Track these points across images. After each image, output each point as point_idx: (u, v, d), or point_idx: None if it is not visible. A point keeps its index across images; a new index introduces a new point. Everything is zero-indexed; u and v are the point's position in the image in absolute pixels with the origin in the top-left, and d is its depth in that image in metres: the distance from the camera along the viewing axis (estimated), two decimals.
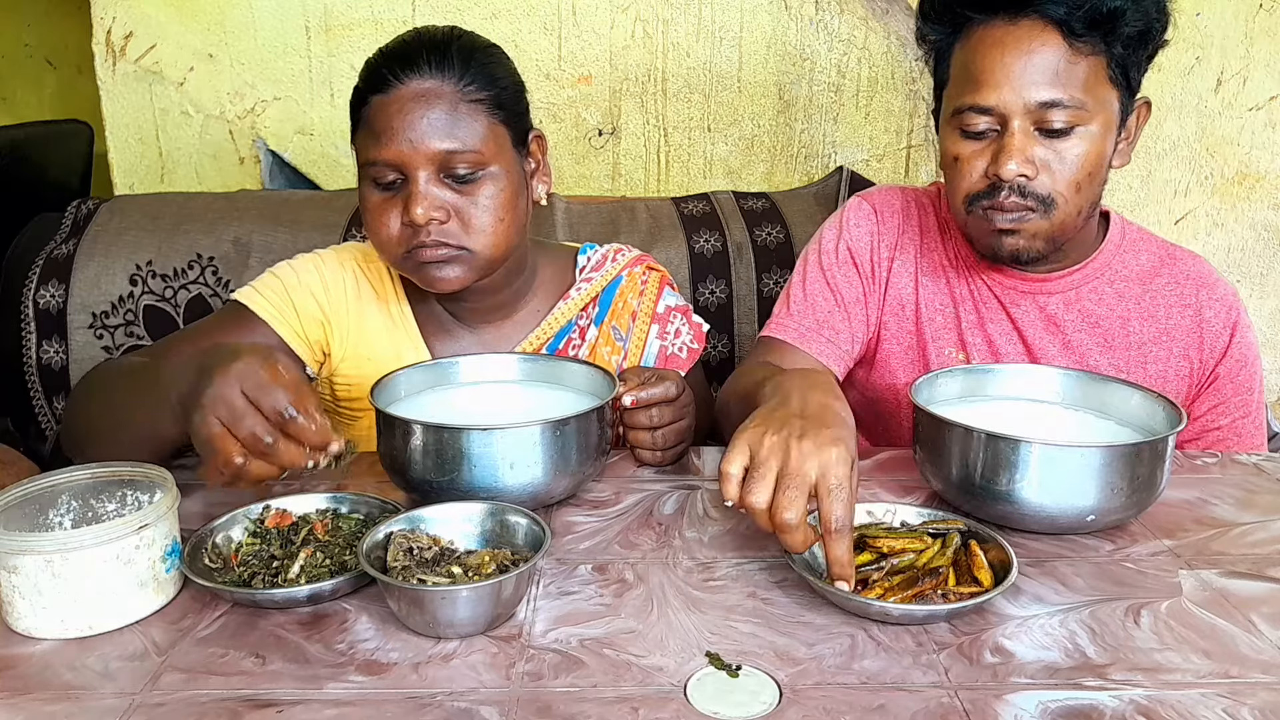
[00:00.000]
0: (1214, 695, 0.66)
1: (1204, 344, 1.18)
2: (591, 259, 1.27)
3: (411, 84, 1.03)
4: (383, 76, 1.04)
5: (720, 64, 1.97)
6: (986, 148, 1.07)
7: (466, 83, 1.04)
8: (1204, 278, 1.20)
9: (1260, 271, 2.14)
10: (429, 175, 1.03)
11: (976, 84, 1.05)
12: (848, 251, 1.26)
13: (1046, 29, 1.02)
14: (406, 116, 1.02)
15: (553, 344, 1.22)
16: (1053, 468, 0.85)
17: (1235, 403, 1.19)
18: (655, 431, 1.03)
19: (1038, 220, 1.07)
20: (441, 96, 1.03)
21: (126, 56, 1.89)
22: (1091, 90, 1.03)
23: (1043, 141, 1.05)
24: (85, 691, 0.66)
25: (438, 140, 1.02)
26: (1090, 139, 1.05)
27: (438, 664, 0.69)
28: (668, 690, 0.66)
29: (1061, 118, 1.03)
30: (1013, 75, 1.03)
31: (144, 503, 0.81)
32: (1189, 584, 0.81)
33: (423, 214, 1.02)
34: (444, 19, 1.90)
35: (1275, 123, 2.04)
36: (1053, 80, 1.02)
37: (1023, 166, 1.04)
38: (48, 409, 1.54)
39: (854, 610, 0.75)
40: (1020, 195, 1.06)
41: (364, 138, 1.06)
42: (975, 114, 1.06)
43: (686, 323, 1.30)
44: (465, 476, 0.87)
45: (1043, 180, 1.06)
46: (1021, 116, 1.04)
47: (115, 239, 1.53)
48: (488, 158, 1.05)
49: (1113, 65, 1.04)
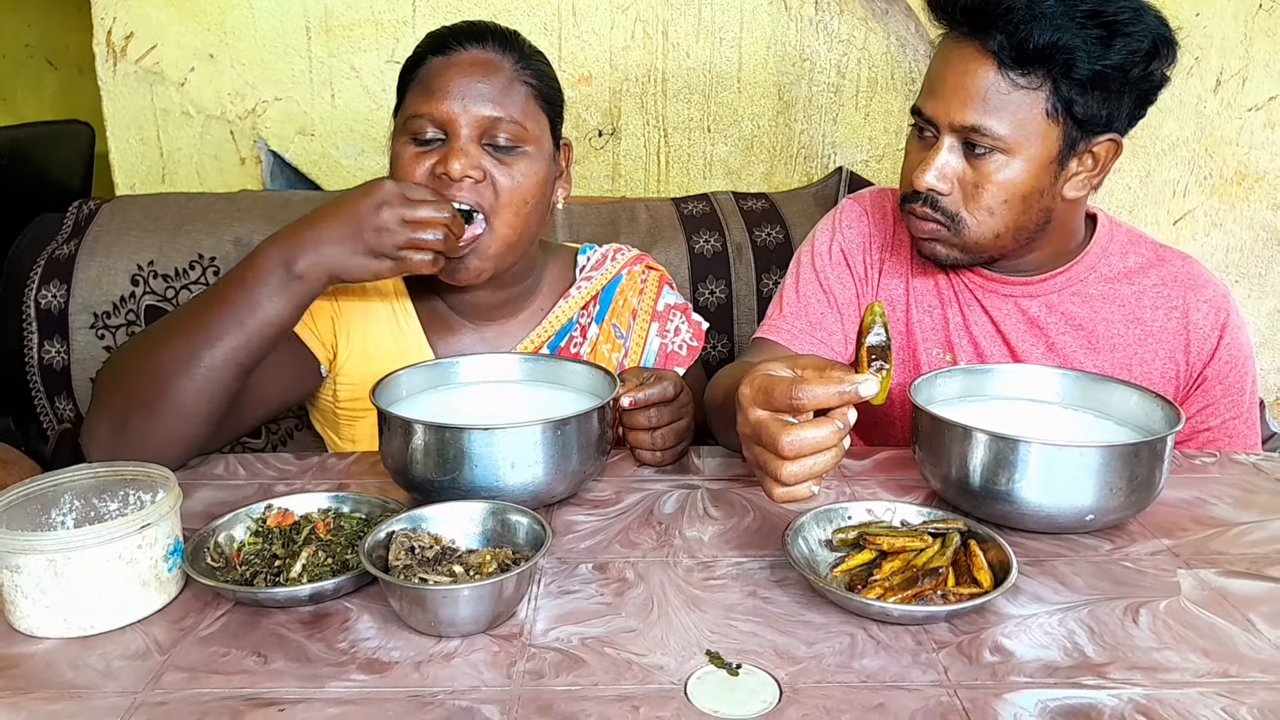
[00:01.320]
0: (1212, 694, 0.66)
1: (1190, 347, 1.18)
2: (591, 259, 1.29)
3: (473, 51, 1.08)
4: (446, 41, 1.09)
5: (720, 64, 1.97)
6: (926, 153, 1.10)
7: (523, 66, 1.10)
8: (1192, 279, 1.19)
9: (1259, 271, 2.14)
10: (471, 136, 1.07)
11: (925, 91, 1.10)
12: (840, 253, 1.26)
13: (983, 55, 1.04)
14: (463, 78, 1.07)
15: (554, 341, 1.23)
16: (1052, 467, 0.85)
17: (1225, 404, 1.18)
18: (654, 432, 1.03)
19: (948, 235, 1.11)
20: (500, 69, 1.08)
21: (127, 57, 1.90)
22: (1021, 124, 1.04)
23: (967, 160, 1.08)
24: (87, 690, 0.66)
25: (488, 106, 1.06)
26: (1010, 168, 1.06)
27: (439, 663, 0.69)
28: (668, 689, 0.66)
29: (983, 142, 1.05)
30: (947, 91, 1.06)
31: (146, 502, 0.81)
32: (1188, 583, 0.81)
33: (459, 168, 1.05)
34: (444, 19, 1.89)
35: (1274, 123, 2.04)
36: (979, 105, 1.04)
37: (937, 180, 1.08)
38: (49, 409, 1.54)
39: (854, 610, 0.75)
40: (931, 207, 1.10)
41: (414, 94, 1.09)
42: (920, 118, 1.10)
43: (686, 320, 1.31)
44: (466, 476, 0.87)
45: (955, 198, 1.09)
46: (948, 132, 1.07)
47: (117, 239, 1.53)
48: (529, 136, 1.09)
49: (1054, 101, 1.04)
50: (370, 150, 1.97)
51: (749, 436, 0.78)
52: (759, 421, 0.76)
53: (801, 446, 0.74)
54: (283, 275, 0.96)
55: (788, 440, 0.73)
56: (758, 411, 0.77)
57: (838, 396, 0.73)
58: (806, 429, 0.74)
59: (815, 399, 0.74)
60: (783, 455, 0.74)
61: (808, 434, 0.74)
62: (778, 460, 0.75)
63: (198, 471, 1.03)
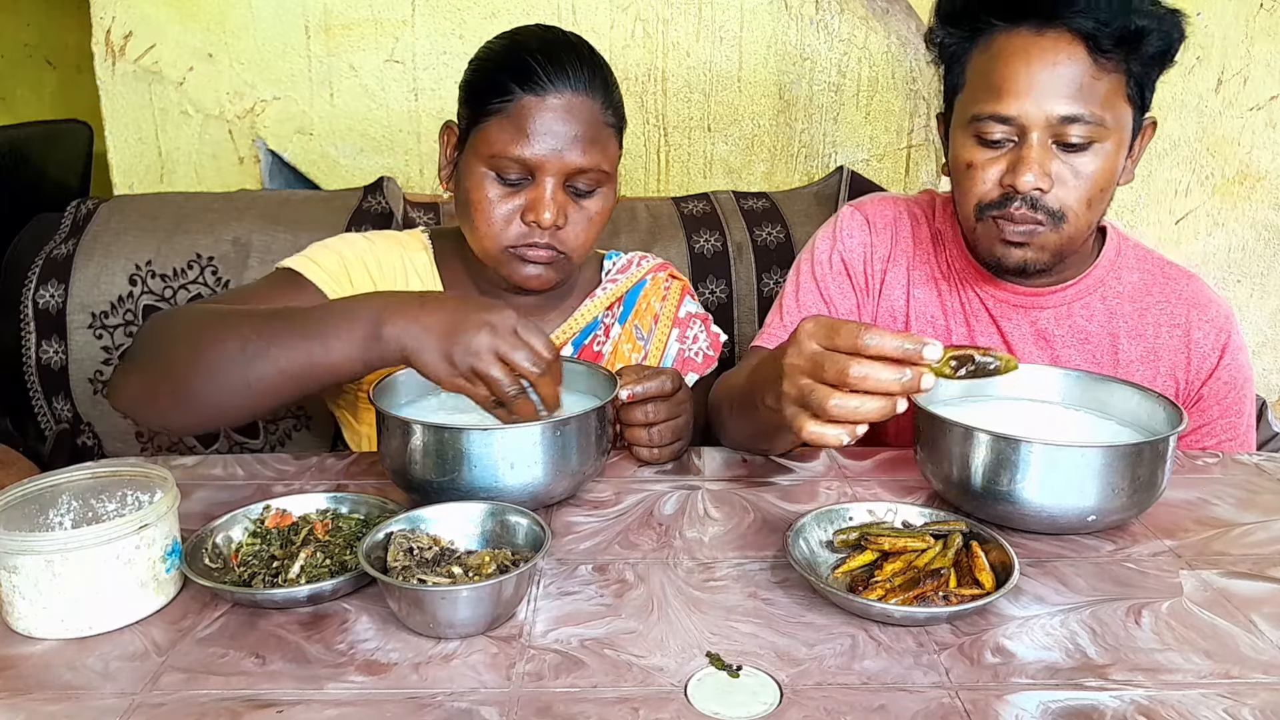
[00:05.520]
0: (1215, 695, 0.66)
1: (1190, 364, 1.18)
2: (617, 263, 1.33)
3: (565, 94, 1.08)
4: (536, 76, 1.07)
5: (720, 63, 1.97)
6: (1002, 156, 1.06)
7: (604, 105, 1.11)
8: (1196, 298, 1.19)
9: (1260, 271, 2.14)
10: (558, 182, 1.09)
11: (998, 93, 1.03)
12: (841, 262, 1.25)
13: (1073, 42, 1.00)
14: (556, 125, 1.07)
15: (579, 339, 1.26)
16: (1053, 468, 0.85)
17: (1221, 425, 1.18)
18: (651, 429, 1.03)
19: (1047, 234, 1.07)
20: (590, 114, 1.09)
21: (126, 56, 1.89)
22: (1110, 107, 1.02)
23: (1059, 155, 1.04)
24: (85, 691, 0.66)
25: (578, 155, 1.08)
26: (1105, 155, 1.04)
27: (438, 664, 0.69)
28: (668, 690, 0.66)
29: (1080, 133, 1.02)
30: (1036, 87, 1.01)
31: (144, 503, 0.81)
32: (1190, 584, 0.81)
33: (550, 219, 1.08)
34: (444, 19, 1.90)
35: (1276, 122, 2.04)
36: (1075, 95, 1.01)
37: (1039, 180, 1.03)
38: (47, 409, 1.54)
39: (855, 611, 0.75)
40: (1031, 208, 1.05)
41: (500, 129, 1.08)
42: (994, 123, 1.05)
43: (706, 330, 1.34)
44: (465, 477, 0.86)
45: (1056, 194, 1.05)
46: (1041, 129, 1.03)
47: (115, 239, 1.53)
48: (608, 177, 1.13)
49: (1130, 83, 1.03)
50: (369, 150, 1.96)
51: (798, 367, 0.77)
52: (818, 353, 0.75)
53: (865, 380, 0.72)
54: (368, 329, 0.92)
55: (857, 369, 0.72)
56: (814, 345, 0.76)
57: (901, 350, 0.72)
58: (878, 365, 0.73)
59: (880, 346, 0.72)
60: (844, 383, 0.73)
61: (878, 370, 0.72)
62: (828, 390, 0.74)
63: (196, 472, 1.03)
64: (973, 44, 1.08)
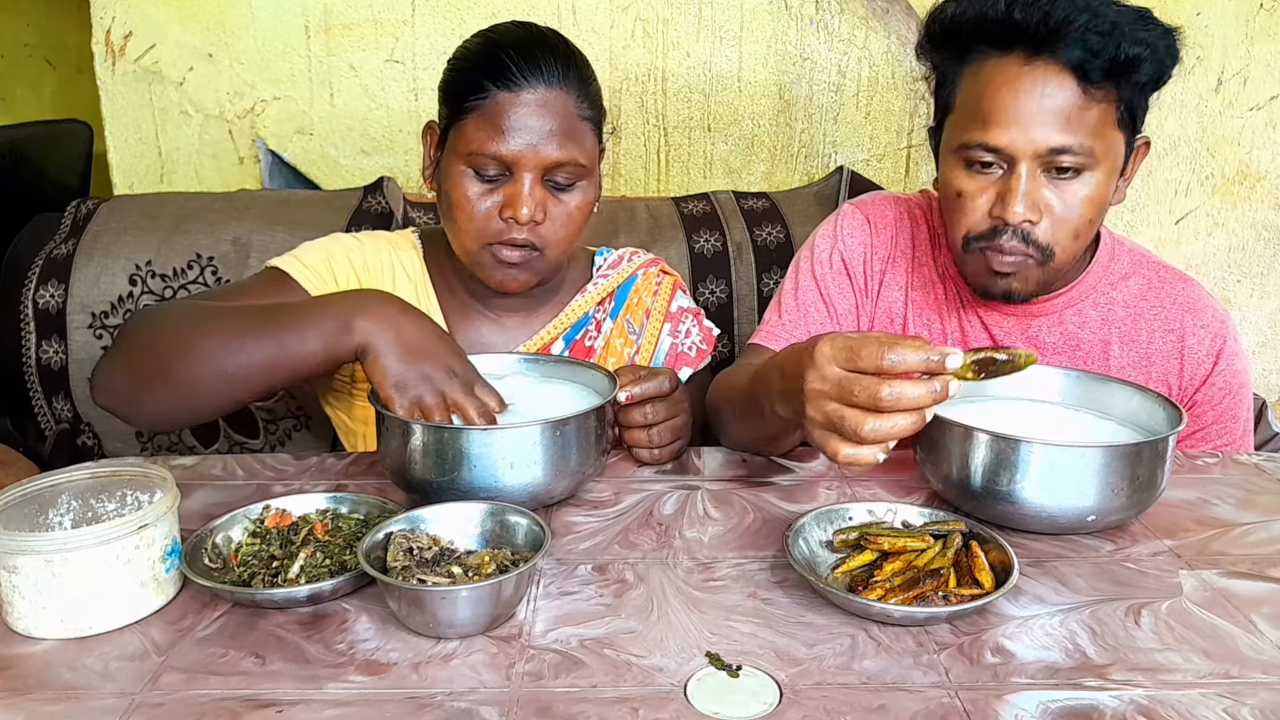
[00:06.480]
0: (1214, 695, 0.66)
1: (1184, 370, 1.17)
2: (608, 259, 1.33)
3: (539, 89, 1.07)
4: (510, 73, 1.07)
5: (720, 63, 1.96)
6: (991, 185, 1.05)
7: (581, 99, 1.11)
8: (1191, 304, 1.18)
9: (1260, 271, 2.13)
10: (536, 177, 1.08)
11: (985, 122, 1.02)
12: (841, 261, 1.25)
13: (1062, 72, 0.99)
14: (531, 120, 1.07)
15: (570, 334, 1.26)
16: (1053, 468, 0.85)
17: (1216, 430, 1.17)
18: (650, 429, 1.03)
19: (1033, 267, 1.07)
20: (565, 108, 1.09)
21: (126, 56, 1.89)
22: (1100, 135, 1.02)
23: (1048, 184, 1.03)
24: (85, 691, 0.66)
25: (554, 149, 1.08)
26: (1095, 184, 1.04)
27: (437, 664, 0.69)
28: (668, 690, 0.66)
29: (1070, 162, 1.02)
30: (1024, 117, 1.00)
31: (144, 503, 0.81)
32: (1189, 584, 0.81)
33: (528, 214, 1.08)
34: (444, 19, 1.89)
35: (1276, 122, 2.04)
36: (1064, 125, 1.00)
37: (1029, 211, 1.03)
38: (47, 409, 1.54)
39: (855, 611, 0.75)
40: (1021, 240, 1.05)
41: (477, 127, 1.08)
42: (983, 150, 1.04)
43: (698, 324, 1.34)
44: (465, 477, 0.86)
45: (1044, 227, 1.04)
46: (1030, 160, 1.02)
47: (115, 239, 1.53)
48: (586, 170, 1.12)
49: (1121, 109, 1.02)
50: (369, 150, 1.96)
51: (823, 393, 0.76)
52: (844, 377, 0.75)
53: (899, 401, 0.72)
54: (342, 319, 0.93)
55: (888, 391, 0.72)
56: (836, 369, 0.75)
57: (925, 363, 0.72)
58: (907, 384, 0.72)
59: (905, 362, 0.72)
60: (878, 408, 0.73)
61: (909, 389, 0.72)
62: (860, 415, 0.74)
63: (195, 472, 1.03)
64: (962, 66, 1.07)
